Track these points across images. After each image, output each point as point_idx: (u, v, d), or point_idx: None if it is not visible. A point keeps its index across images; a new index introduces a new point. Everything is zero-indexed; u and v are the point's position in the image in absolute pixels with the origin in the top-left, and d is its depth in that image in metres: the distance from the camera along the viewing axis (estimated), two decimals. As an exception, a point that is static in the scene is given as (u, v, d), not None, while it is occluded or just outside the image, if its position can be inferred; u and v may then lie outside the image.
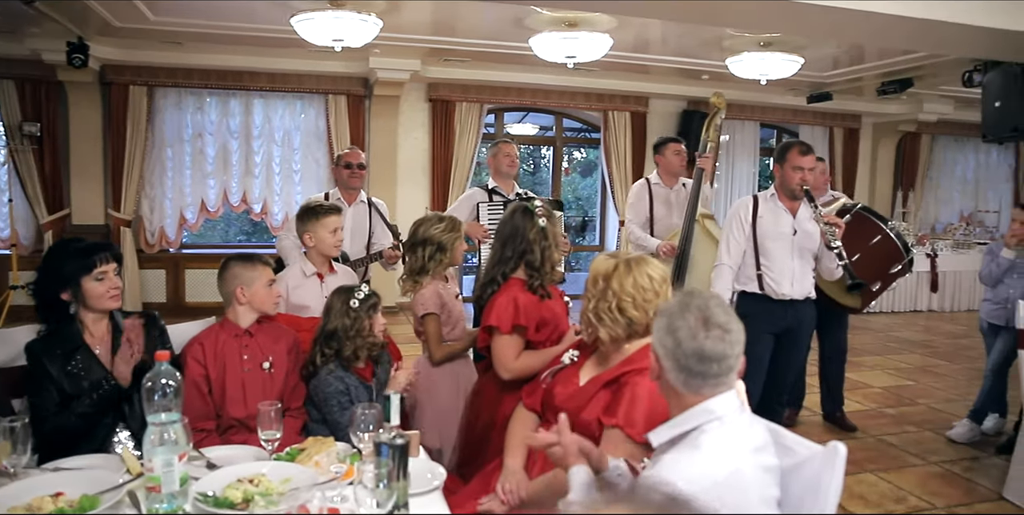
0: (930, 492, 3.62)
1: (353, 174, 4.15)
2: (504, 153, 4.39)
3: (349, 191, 4.19)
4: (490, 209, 4.27)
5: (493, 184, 4.42)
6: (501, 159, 4.40)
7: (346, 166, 4.16)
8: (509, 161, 4.40)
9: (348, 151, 4.29)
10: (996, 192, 11.22)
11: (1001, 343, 4.25)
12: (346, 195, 4.18)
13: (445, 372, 2.82)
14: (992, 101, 4.55)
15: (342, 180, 4.20)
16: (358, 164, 4.17)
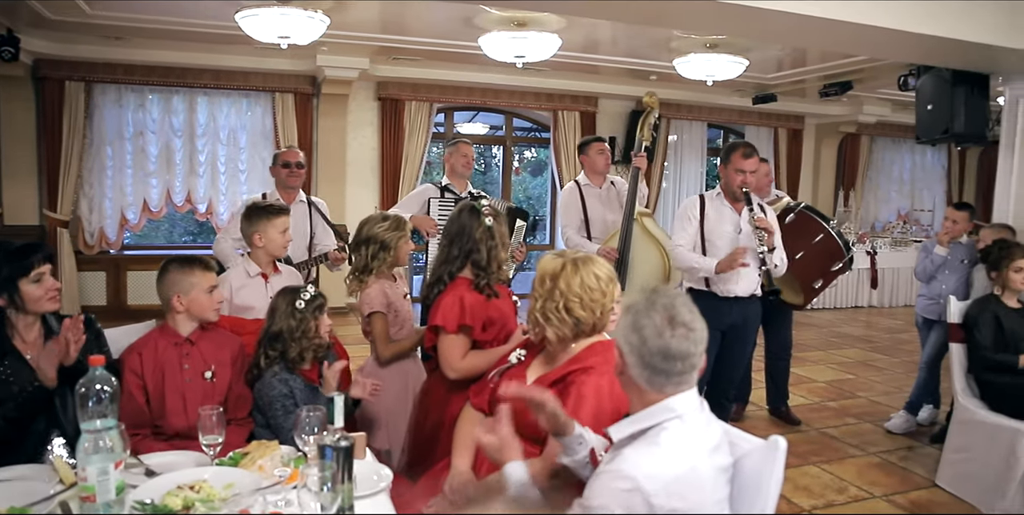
0: (869, 482, 3.74)
1: (292, 173, 4.05)
2: (462, 153, 4.39)
3: (288, 191, 4.08)
4: (441, 205, 4.25)
5: (447, 182, 4.40)
6: (458, 159, 4.39)
7: (284, 165, 4.06)
8: (465, 161, 4.39)
9: (286, 150, 4.19)
10: (931, 192, 11.63)
11: (935, 337, 4.41)
12: (285, 195, 4.06)
13: (393, 372, 2.80)
14: (925, 104, 4.70)
15: (280, 180, 4.09)
16: (296, 163, 4.07)
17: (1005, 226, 4.31)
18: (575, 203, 4.52)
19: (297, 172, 4.07)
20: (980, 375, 3.67)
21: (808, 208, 4.35)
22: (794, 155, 10.27)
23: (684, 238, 3.64)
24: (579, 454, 1.65)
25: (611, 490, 1.39)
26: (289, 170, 4.05)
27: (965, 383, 3.76)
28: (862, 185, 10.91)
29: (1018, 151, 4.41)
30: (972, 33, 3.73)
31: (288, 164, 4.06)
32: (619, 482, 1.39)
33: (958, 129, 4.50)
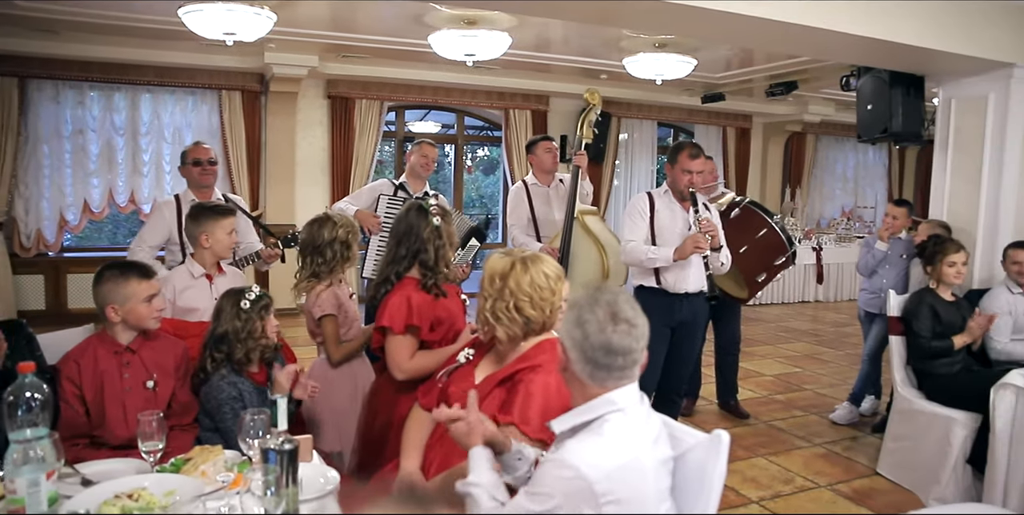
0: (814, 472, 3.83)
1: (204, 171, 3.78)
2: (422, 153, 4.35)
3: (202, 190, 3.81)
4: (390, 203, 4.20)
5: (403, 180, 4.36)
6: (418, 158, 4.35)
7: (195, 163, 3.78)
8: (425, 162, 4.36)
9: (194, 147, 3.88)
10: (873, 189, 11.99)
11: (876, 330, 4.54)
12: (200, 194, 3.78)
13: (343, 373, 2.78)
14: (865, 104, 4.82)
15: (193, 179, 3.81)
16: (208, 160, 3.81)
17: (940, 223, 4.46)
18: (522, 203, 4.52)
19: (210, 169, 3.82)
20: (918, 366, 3.79)
21: (753, 203, 4.43)
22: (742, 153, 10.47)
23: (636, 234, 3.66)
24: (520, 471, 1.67)
25: (554, 478, 1.42)
26: (201, 168, 3.78)
27: (904, 374, 3.89)
28: (808, 182, 11.18)
29: (951, 150, 4.56)
30: (908, 36, 3.84)
31: (200, 161, 3.78)
32: (562, 470, 1.41)
33: (896, 128, 4.63)
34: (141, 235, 3.68)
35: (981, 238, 4.38)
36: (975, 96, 4.42)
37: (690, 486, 1.56)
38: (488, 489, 1.56)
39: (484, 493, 1.55)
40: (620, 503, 1.41)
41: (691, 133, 10.27)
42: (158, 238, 3.65)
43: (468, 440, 1.64)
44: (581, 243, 4.14)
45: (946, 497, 3.40)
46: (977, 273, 4.36)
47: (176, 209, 3.67)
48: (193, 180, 3.82)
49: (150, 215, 3.88)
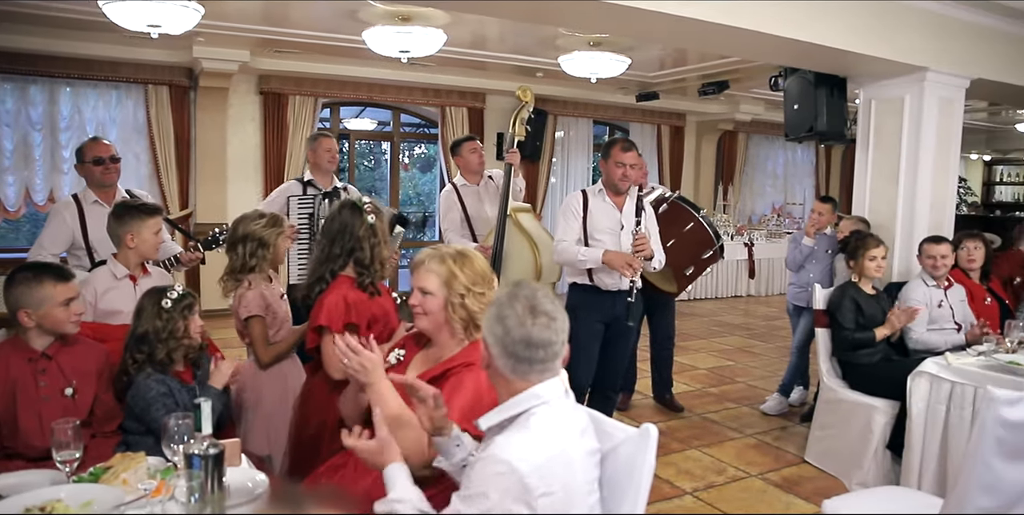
0: (746, 462, 3.94)
1: (107, 169, 3.50)
2: (325, 148, 4.23)
3: (105, 189, 3.53)
4: (301, 203, 4.07)
5: (310, 177, 4.24)
6: (322, 154, 4.23)
7: (95, 162, 3.48)
8: (330, 156, 4.26)
9: (93, 143, 3.58)
10: (801, 186, 12.38)
11: (804, 323, 4.69)
12: (102, 194, 3.51)
13: (272, 375, 2.73)
14: (792, 104, 4.98)
15: (94, 178, 3.50)
16: (111, 157, 3.52)
17: (861, 218, 4.64)
18: (454, 205, 4.49)
19: (113, 167, 3.53)
20: (841, 356, 3.93)
21: (680, 199, 4.51)
22: (676, 151, 10.66)
23: (569, 233, 3.69)
24: (456, 457, 1.67)
25: (486, 475, 1.42)
26: (103, 167, 3.49)
27: (830, 365, 4.03)
28: (740, 180, 11.47)
29: (871, 149, 4.74)
30: (831, 39, 3.98)
31: (101, 160, 3.48)
32: (493, 466, 1.42)
33: (821, 128, 4.80)
34: (40, 241, 3.40)
35: (899, 233, 4.58)
36: (892, 97, 4.62)
37: (620, 479, 1.59)
38: (415, 503, 1.56)
39: (409, 507, 1.54)
40: (552, 495, 1.42)
41: (626, 131, 10.41)
42: (59, 243, 3.38)
43: (381, 460, 1.62)
44: (514, 241, 4.14)
45: (868, 481, 3.54)
46: (896, 267, 4.55)
47: (77, 211, 3.42)
48: (94, 179, 3.52)
49: (49, 219, 3.54)
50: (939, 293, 3.94)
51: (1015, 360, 3.13)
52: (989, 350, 3.34)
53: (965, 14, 4.50)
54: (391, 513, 1.55)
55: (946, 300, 3.94)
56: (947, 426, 3.18)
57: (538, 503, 1.40)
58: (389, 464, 1.61)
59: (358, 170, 10.75)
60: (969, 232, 4.33)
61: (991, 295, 4.22)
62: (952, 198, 4.85)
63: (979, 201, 14.70)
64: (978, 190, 14.91)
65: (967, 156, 14.31)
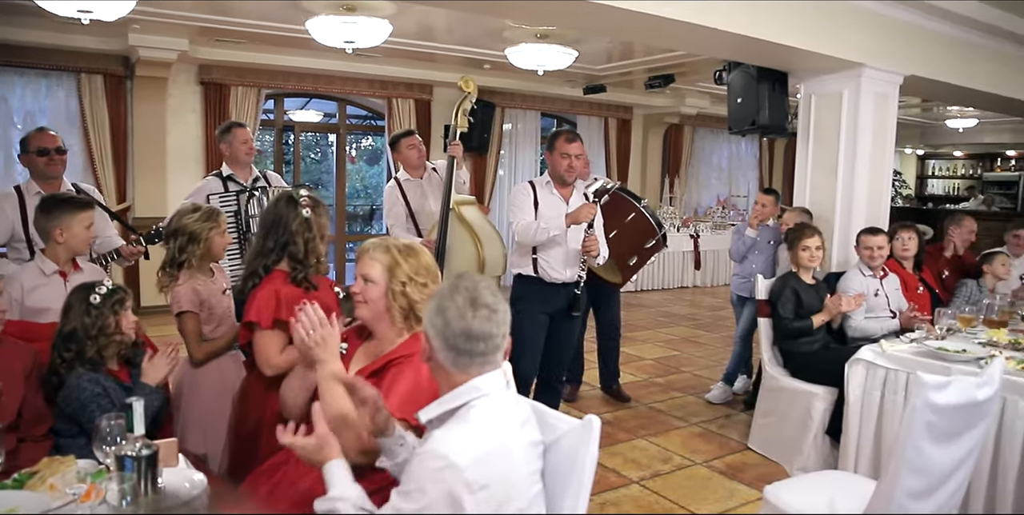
0: (691, 450, 4.01)
1: (52, 161, 3.42)
2: (241, 139, 4.05)
3: (50, 182, 3.44)
4: (223, 201, 3.90)
5: (229, 171, 4.07)
6: (238, 147, 4.04)
7: (40, 152, 3.39)
8: (248, 148, 4.07)
9: (38, 133, 3.48)
10: (745, 179, 12.64)
11: (747, 312, 4.79)
12: (46, 186, 3.42)
13: (209, 372, 2.67)
14: (735, 98, 5.06)
15: (38, 170, 3.43)
16: (56, 148, 3.43)
17: (803, 209, 4.75)
18: (397, 201, 4.44)
19: (58, 158, 3.44)
20: (782, 345, 4.03)
21: (622, 189, 4.55)
22: (623, 144, 10.76)
23: (523, 215, 3.68)
24: (399, 457, 1.66)
25: (424, 471, 1.41)
26: (48, 158, 3.40)
27: (771, 354, 4.12)
28: (686, 172, 11.63)
29: (812, 143, 4.86)
30: (772, 34, 4.05)
31: (46, 151, 3.39)
32: (431, 462, 1.40)
33: (763, 121, 4.89)
34: None
35: (838, 224, 4.70)
36: (831, 92, 4.73)
37: (563, 470, 1.59)
38: (355, 501, 1.54)
39: (349, 505, 1.52)
40: (491, 488, 1.41)
41: (574, 124, 10.45)
42: None
43: (320, 457, 1.60)
44: (457, 235, 4.10)
45: (808, 466, 3.64)
46: (835, 257, 4.68)
47: (18, 203, 3.32)
48: (38, 171, 3.44)
49: None
50: (875, 282, 4.07)
51: (944, 346, 3.25)
52: (920, 337, 3.46)
53: (900, 14, 4.64)
54: (332, 512, 1.53)
55: (882, 289, 4.07)
56: (882, 411, 3.28)
57: (478, 496, 1.39)
58: (328, 461, 1.59)
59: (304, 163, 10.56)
60: (903, 223, 4.48)
61: (923, 284, 4.38)
62: (887, 190, 5.01)
63: (913, 194, 15.22)
64: (912, 183, 15.42)
65: (902, 150, 14.79)
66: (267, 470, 1.97)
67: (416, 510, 1.40)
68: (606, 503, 3.33)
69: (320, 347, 1.83)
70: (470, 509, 1.39)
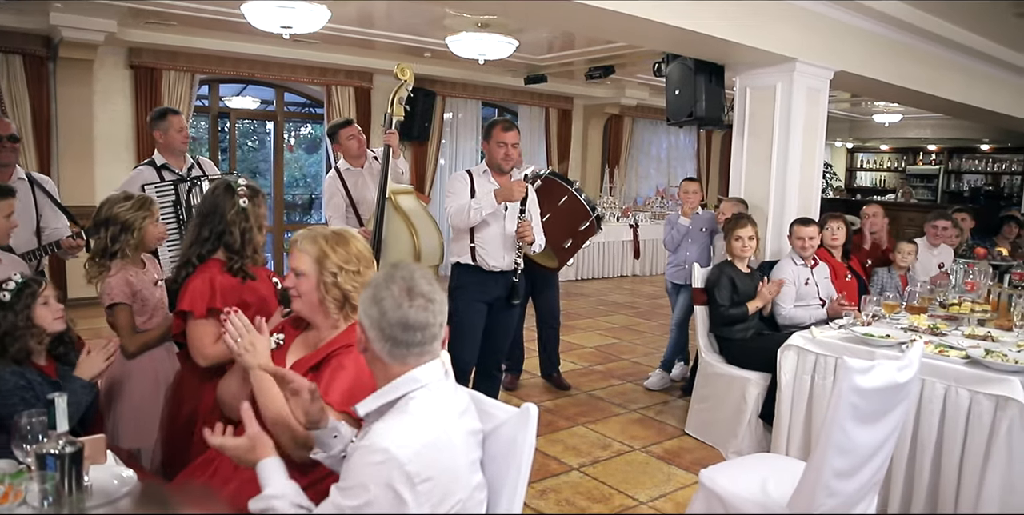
0: (629, 436, 4.08)
1: (3, 147, 3.37)
2: (176, 127, 3.92)
3: (1, 169, 3.42)
4: (159, 190, 3.78)
5: (163, 160, 3.94)
6: (173, 135, 3.92)
7: None
8: (183, 136, 3.95)
9: None
10: (684, 169, 12.86)
11: (682, 300, 4.89)
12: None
13: (142, 364, 2.59)
14: (673, 89, 5.14)
15: None
16: (8, 136, 3.38)
17: (740, 200, 4.86)
18: (337, 192, 4.37)
19: (9, 146, 3.39)
20: (718, 332, 4.13)
21: (553, 174, 4.57)
22: (564, 134, 10.82)
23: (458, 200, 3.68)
24: (334, 449, 1.64)
25: (365, 465, 1.38)
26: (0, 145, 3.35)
27: (707, 340, 4.22)
28: (625, 163, 11.78)
29: (746, 135, 4.97)
30: (709, 27, 4.12)
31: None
32: (371, 456, 1.38)
33: (700, 113, 4.98)
34: None
35: (771, 214, 4.83)
36: (766, 86, 4.85)
37: (502, 458, 1.60)
38: (291, 498, 1.52)
39: (286, 503, 1.50)
40: (432, 480, 1.40)
41: (515, 113, 10.46)
42: None
43: (253, 456, 1.58)
44: (393, 224, 4.05)
45: (742, 450, 3.75)
46: (768, 246, 4.81)
47: None
48: None
49: None
50: (806, 271, 4.19)
51: (869, 332, 3.38)
52: (848, 323, 3.59)
53: (831, 12, 4.78)
54: (267, 511, 1.50)
55: (812, 278, 4.20)
56: (812, 395, 3.40)
57: (420, 489, 1.38)
58: (261, 460, 1.57)
59: (241, 150, 10.31)
60: (833, 214, 4.62)
61: (851, 272, 4.54)
62: (818, 182, 5.16)
63: (843, 185, 15.74)
64: (842, 175, 15.95)
65: (832, 144, 15.28)
66: (201, 465, 1.92)
67: (357, 505, 1.38)
68: (547, 490, 3.36)
69: (250, 353, 1.80)
70: (412, 502, 1.38)
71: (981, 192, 13.81)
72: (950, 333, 3.43)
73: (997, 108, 7.11)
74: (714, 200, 9.27)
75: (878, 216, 5.15)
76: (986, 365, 2.89)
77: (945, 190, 14.45)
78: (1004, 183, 13.75)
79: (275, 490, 1.52)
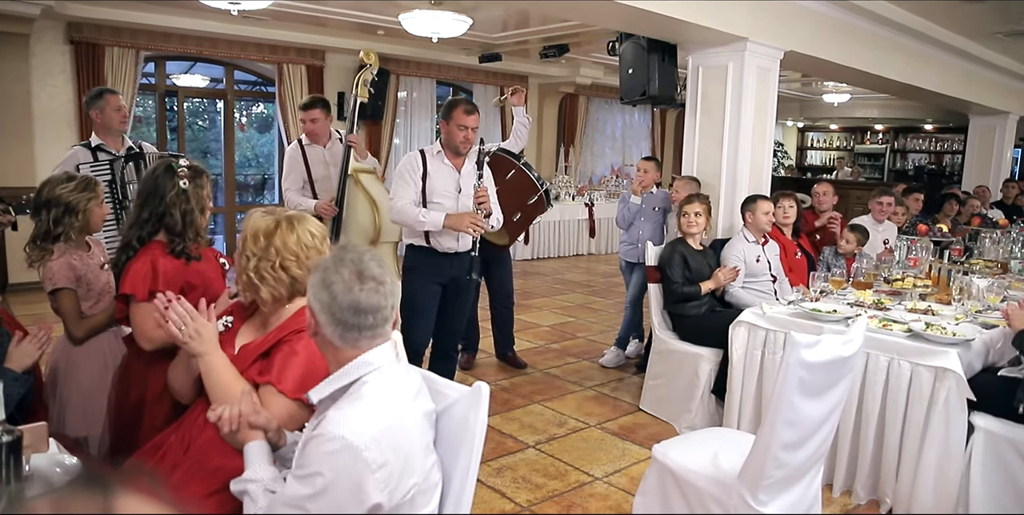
0: (585, 413, 4.13)
1: None
2: (114, 106, 3.81)
3: None
4: (94, 169, 3.67)
5: (98, 141, 3.83)
6: (111, 114, 3.81)
7: None
8: (121, 116, 3.85)
9: None
10: (639, 148, 12.95)
11: (636, 278, 4.94)
12: None
13: (89, 350, 2.52)
14: (627, 68, 5.15)
15: None
16: None
17: (692, 178, 4.91)
18: (297, 164, 4.29)
19: None
20: (671, 309, 4.19)
21: (501, 150, 4.56)
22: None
23: (406, 194, 3.61)
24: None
25: (321, 454, 1.37)
26: None
27: (661, 318, 4.28)
28: (580, 142, 11.81)
29: (699, 113, 5.02)
30: (662, 7, 4.12)
31: None
32: (327, 444, 1.36)
33: (653, 92, 5.00)
34: None
35: (723, 193, 4.89)
36: (718, 65, 4.89)
37: (455, 437, 1.60)
38: (266, 484, 1.52)
39: (260, 489, 1.50)
40: (390, 464, 1.40)
41: (470, 92, 10.38)
42: None
43: (242, 437, 1.60)
44: (356, 203, 4.03)
45: (695, 424, 3.83)
46: (720, 224, 4.88)
47: None
48: None
49: None
50: (757, 248, 4.27)
51: (817, 307, 3.47)
52: (797, 299, 3.67)
53: (781, -9, 4.83)
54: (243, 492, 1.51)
55: (763, 255, 4.28)
56: (762, 370, 3.47)
57: (378, 475, 1.37)
58: (249, 442, 1.59)
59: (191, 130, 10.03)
60: (784, 192, 4.70)
61: (800, 250, 4.64)
62: (769, 160, 5.24)
63: (794, 164, 16.03)
64: (793, 154, 16.24)
65: (784, 123, 15.52)
66: (148, 450, 1.89)
67: (314, 494, 1.37)
68: (503, 468, 3.39)
69: (196, 340, 1.78)
70: (371, 489, 1.37)
71: (925, 171, 14.22)
72: (894, 307, 3.54)
73: (942, 89, 7.30)
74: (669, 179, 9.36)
75: (828, 194, 5.26)
76: (926, 338, 2.99)
77: (891, 169, 14.84)
78: (946, 162, 14.18)
79: (252, 474, 1.53)
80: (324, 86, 8.53)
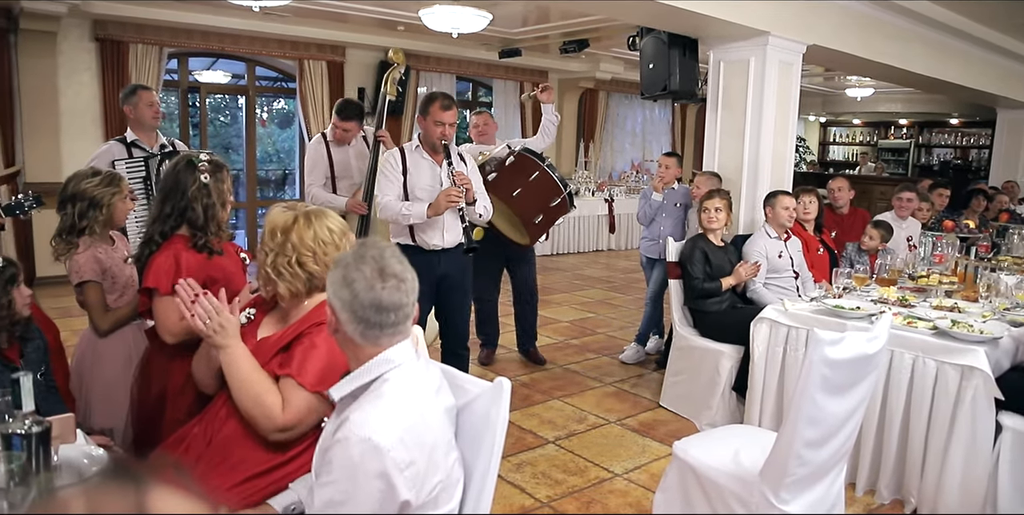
0: (605, 409, 4.12)
1: None
2: (147, 102, 3.88)
3: None
4: (129, 166, 3.73)
5: (133, 137, 3.90)
6: (143, 110, 3.87)
7: None
8: (153, 112, 3.91)
9: None
10: (659, 143, 12.87)
11: (657, 274, 4.92)
12: None
13: (114, 342, 2.55)
14: (647, 63, 5.11)
15: None
16: None
17: (713, 174, 4.88)
18: (321, 160, 4.31)
19: None
20: (692, 305, 4.16)
21: (525, 150, 4.55)
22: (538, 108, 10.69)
23: (390, 190, 3.59)
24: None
25: (348, 458, 1.35)
26: None
27: (681, 314, 4.26)
28: (600, 137, 11.76)
29: (720, 108, 4.97)
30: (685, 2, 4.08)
31: None
32: (354, 447, 1.34)
33: (674, 87, 4.96)
34: None
35: (745, 188, 4.85)
36: (739, 60, 4.83)
37: (476, 433, 1.60)
38: None
39: None
40: (416, 464, 1.38)
41: (489, 88, 10.38)
42: None
43: None
44: None
45: (716, 421, 3.80)
46: (742, 220, 4.83)
47: None
48: None
49: None
50: (779, 244, 4.23)
51: (840, 304, 3.43)
52: (820, 296, 3.64)
53: (804, -17, 4.77)
54: None
55: (786, 250, 4.24)
56: (784, 367, 3.45)
57: (406, 474, 1.36)
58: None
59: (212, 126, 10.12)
60: (805, 187, 4.66)
61: (823, 246, 4.59)
62: (791, 155, 5.19)
63: (816, 159, 15.86)
64: (815, 149, 16.07)
65: (806, 118, 15.36)
66: (172, 443, 1.91)
67: (344, 500, 1.35)
68: (523, 463, 3.40)
69: (220, 334, 1.81)
70: (401, 488, 1.35)
71: (950, 166, 13.99)
72: (918, 304, 3.50)
73: (968, 83, 7.17)
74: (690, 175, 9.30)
75: (843, 190, 5.20)
76: (952, 336, 2.95)
77: (915, 164, 14.63)
78: (972, 157, 13.94)
79: None
80: (344, 82, 8.57)
